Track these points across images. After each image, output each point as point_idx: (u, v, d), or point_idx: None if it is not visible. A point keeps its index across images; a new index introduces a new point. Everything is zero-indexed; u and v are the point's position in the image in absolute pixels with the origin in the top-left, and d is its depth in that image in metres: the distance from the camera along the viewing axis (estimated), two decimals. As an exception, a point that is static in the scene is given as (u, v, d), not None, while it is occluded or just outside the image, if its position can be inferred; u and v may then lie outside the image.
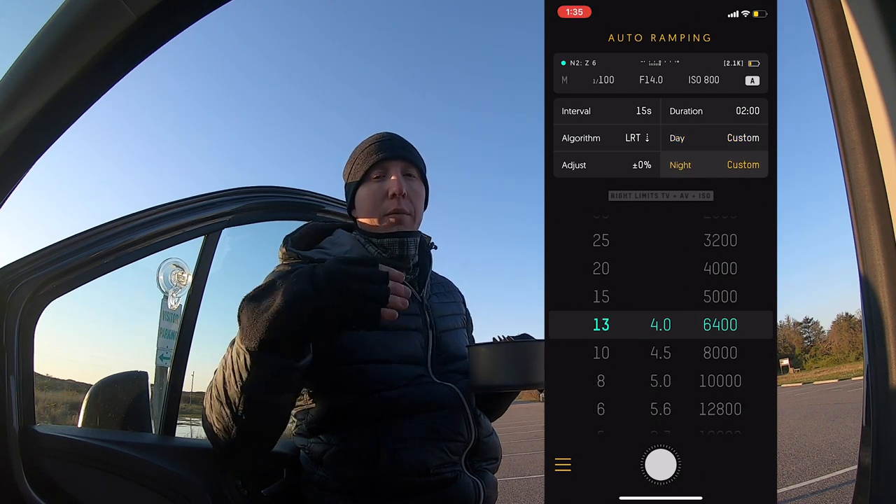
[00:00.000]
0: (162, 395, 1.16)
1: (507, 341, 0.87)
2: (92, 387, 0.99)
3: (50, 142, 0.62)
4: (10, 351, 0.75)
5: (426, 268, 1.02)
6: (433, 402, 0.88)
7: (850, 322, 58.34)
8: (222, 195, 1.16)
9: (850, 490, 1.41)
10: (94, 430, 0.93)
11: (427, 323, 0.97)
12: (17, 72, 0.57)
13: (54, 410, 1.15)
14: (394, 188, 0.95)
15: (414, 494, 0.84)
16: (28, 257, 0.82)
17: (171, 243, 1.05)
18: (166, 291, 1.30)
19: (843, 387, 23.41)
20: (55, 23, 0.55)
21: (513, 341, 0.87)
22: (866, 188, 0.44)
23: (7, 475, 0.71)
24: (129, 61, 0.59)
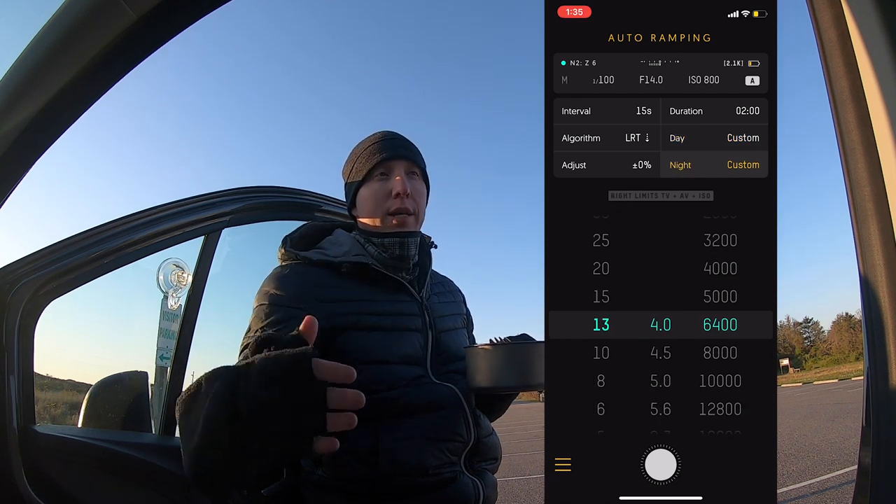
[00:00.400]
0: (162, 395, 1.16)
1: (505, 343, 0.87)
2: (92, 387, 1.00)
3: (50, 142, 0.62)
4: (10, 351, 0.75)
5: (426, 267, 1.02)
6: (432, 403, 0.88)
7: (850, 322, 58.35)
8: (222, 195, 1.16)
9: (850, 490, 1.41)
10: (94, 430, 0.93)
11: (426, 323, 0.97)
12: (17, 72, 0.57)
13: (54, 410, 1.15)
14: (398, 188, 0.95)
15: (413, 495, 0.84)
16: (28, 257, 0.82)
17: (171, 243, 1.05)
18: (166, 291, 1.30)
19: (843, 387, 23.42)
20: (55, 23, 0.55)
21: (510, 343, 0.87)
22: (866, 188, 0.44)
23: (7, 475, 0.71)
24: (129, 61, 0.59)
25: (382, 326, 0.91)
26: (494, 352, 0.82)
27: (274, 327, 0.87)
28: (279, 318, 0.87)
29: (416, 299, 0.98)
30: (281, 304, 0.88)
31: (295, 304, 0.88)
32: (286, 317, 0.86)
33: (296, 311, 0.87)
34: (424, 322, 0.97)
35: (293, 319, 0.86)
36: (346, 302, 0.90)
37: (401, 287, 0.97)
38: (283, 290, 0.89)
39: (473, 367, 0.83)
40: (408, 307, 0.96)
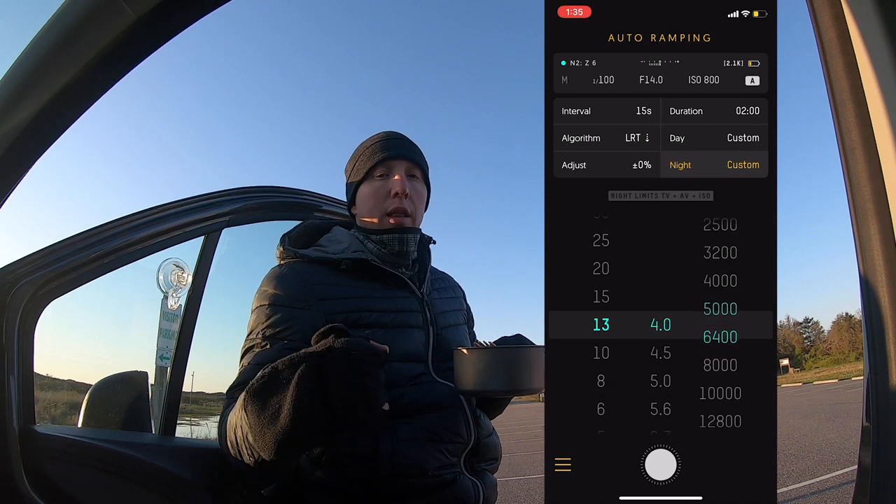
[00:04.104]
0: (162, 395, 1.16)
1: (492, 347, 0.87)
2: (92, 387, 1.00)
3: (50, 142, 0.62)
4: (10, 351, 0.75)
5: (425, 263, 1.02)
6: (433, 403, 0.88)
7: (850, 322, 58.31)
8: (222, 195, 1.16)
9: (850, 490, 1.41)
10: (94, 430, 0.93)
11: (427, 319, 0.97)
12: (17, 72, 0.57)
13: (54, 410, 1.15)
14: (397, 188, 0.95)
15: (413, 496, 0.84)
16: (28, 257, 0.82)
17: (171, 243, 1.05)
18: (166, 291, 1.30)
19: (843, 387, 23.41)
20: (55, 23, 0.55)
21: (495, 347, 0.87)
22: (866, 188, 0.44)
23: (7, 475, 0.71)
24: (129, 61, 0.59)
25: (382, 324, 0.90)
26: (480, 355, 0.81)
27: (276, 328, 0.87)
28: (280, 318, 0.87)
29: (416, 295, 0.98)
30: (281, 304, 0.88)
31: (295, 303, 0.88)
32: (287, 317, 0.86)
33: (296, 311, 0.87)
34: (425, 318, 0.97)
35: (294, 319, 0.86)
36: (345, 299, 0.90)
37: (401, 283, 0.97)
38: (282, 289, 0.89)
39: (460, 369, 0.82)
40: (408, 303, 0.96)
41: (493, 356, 0.81)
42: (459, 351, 0.84)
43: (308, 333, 0.80)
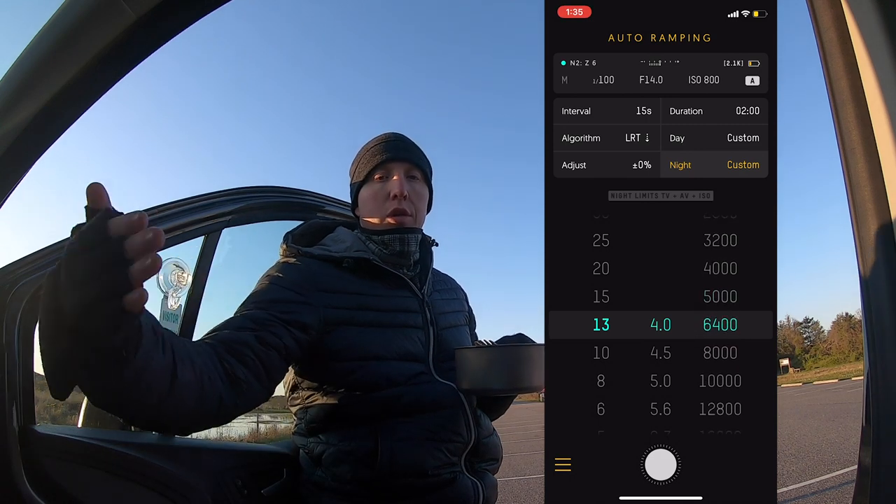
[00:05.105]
0: (162, 395, 1.16)
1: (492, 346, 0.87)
2: (92, 387, 0.99)
3: (50, 142, 0.62)
4: (10, 351, 0.75)
5: (427, 264, 1.02)
6: (433, 402, 0.88)
7: (850, 322, 58.30)
8: (222, 195, 1.16)
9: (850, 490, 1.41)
10: (94, 430, 0.93)
11: (427, 320, 0.97)
12: (17, 72, 0.57)
13: (54, 410, 1.15)
14: (395, 189, 0.95)
15: (412, 496, 0.84)
16: (28, 257, 0.81)
17: (171, 243, 1.05)
18: (166, 291, 1.30)
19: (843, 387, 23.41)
20: (55, 23, 0.55)
21: (494, 346, 0.87)
22: (866, 188, 0.44)
23: (7, 475, 0.71)
24: (129, 61, 0.59)
25: (380, 323, 0.91)
26: (481, 354, 0.81)
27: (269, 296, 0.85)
28: (277, 297, 0.86)
29: (416, 296, 0.98)
30: (281, 286, 0.87)
31: (295, 287, 0.87)
32: (283, 297, 0.85)
33: (295, 294, 0.86)
34: (425, 318, 0.97)
35: (292, 303, 0.85)
36: (345, 294, 0.90)
37: (402, 283, 0.97)
38: (284, 274, 0.90)
39: (461, 368, 0.83)
40: (408, 303, 0.96)
41: (495, 354, 0.81)
42: (461, 350, 0.84)
43: (302, 323, 0.82)
